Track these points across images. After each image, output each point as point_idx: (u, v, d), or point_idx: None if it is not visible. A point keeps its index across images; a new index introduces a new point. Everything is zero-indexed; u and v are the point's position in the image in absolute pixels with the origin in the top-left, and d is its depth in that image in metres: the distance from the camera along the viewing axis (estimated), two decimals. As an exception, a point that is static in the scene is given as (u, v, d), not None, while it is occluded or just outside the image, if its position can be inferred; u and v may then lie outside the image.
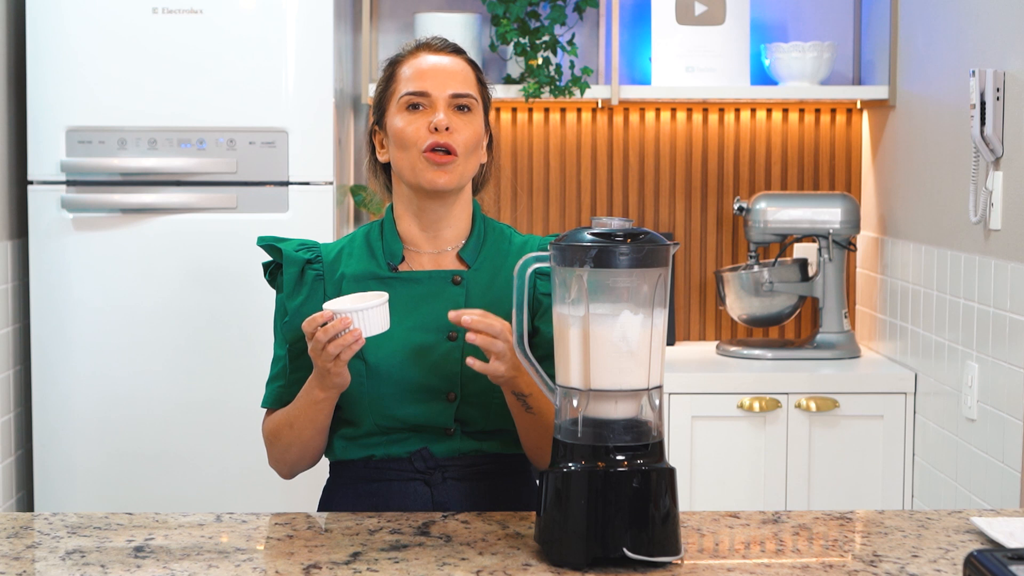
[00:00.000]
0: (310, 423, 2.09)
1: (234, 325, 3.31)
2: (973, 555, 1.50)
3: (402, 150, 2.11)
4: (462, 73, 2.14)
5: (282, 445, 2.14)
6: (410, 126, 2.10)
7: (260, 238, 2.19)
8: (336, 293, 2.12)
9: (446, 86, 2.11)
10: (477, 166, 2.17)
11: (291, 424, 2.11)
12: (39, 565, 1.77)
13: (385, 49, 3.99)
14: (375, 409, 2.09)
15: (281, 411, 2.15)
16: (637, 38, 4.00)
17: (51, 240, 3.32)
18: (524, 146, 4.03)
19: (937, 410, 3.36)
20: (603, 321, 1.76)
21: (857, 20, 4.04)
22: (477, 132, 2.13)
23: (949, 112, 3.29)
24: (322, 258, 2.16)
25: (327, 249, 2.19)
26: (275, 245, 2.18)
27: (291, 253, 2.16)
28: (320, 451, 2.16)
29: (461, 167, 2.11)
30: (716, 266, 4.09)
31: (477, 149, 2.15)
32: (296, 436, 2.11)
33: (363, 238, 2.19)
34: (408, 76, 2.13)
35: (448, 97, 2.11)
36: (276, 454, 2.17)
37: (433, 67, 2.13)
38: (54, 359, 3.33)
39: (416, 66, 2.14)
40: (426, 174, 2.09)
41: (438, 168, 2.09)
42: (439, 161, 2.08)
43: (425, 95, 2.11)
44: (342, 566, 1.74)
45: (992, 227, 3.00)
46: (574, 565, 1.73)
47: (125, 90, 3.31)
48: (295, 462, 2.16)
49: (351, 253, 2.17)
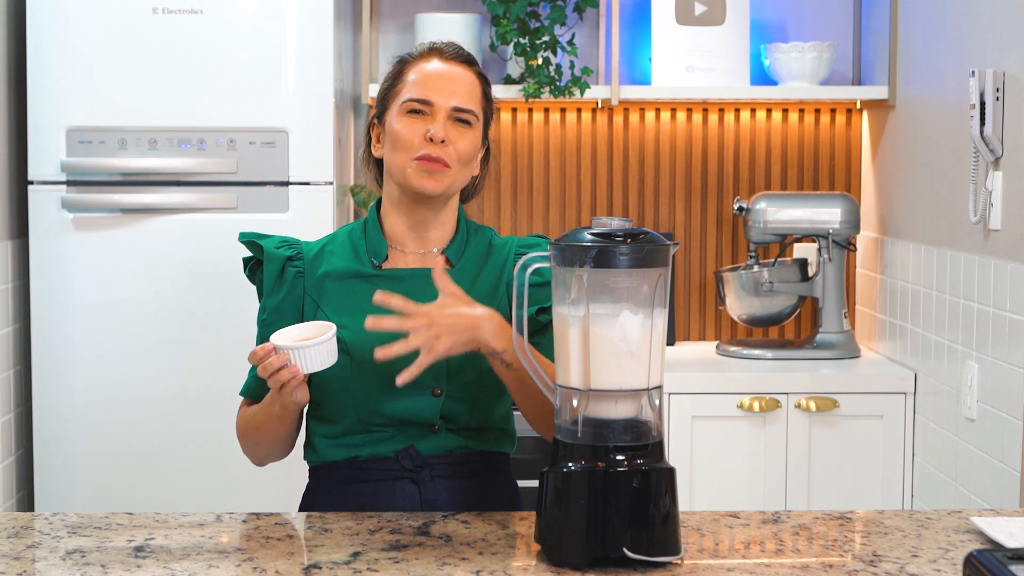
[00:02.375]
0: (274, 431, 2.12)
1: (234, 325, 3.31)
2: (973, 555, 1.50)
3: (395, 151, 2.11)
4: (468, 87, 2.14)
5: (250, 443, 2.18)
6: (407, 130, 2.10)
7: (241, 234, 2.19)
8: (317, 293, 2.13)
9: (450, 98, 2.11)
10: (468, 177, 2.17)
11: (257, 428, 2.14)
12: (39, 565, 1.77)
13: (385, 49, 3.99)
14: (359, 404, 2.09)
15: (248, 412, 2.17)
16: (637, 38, 4.00)
17: (51, 240, 3.32)
18: (524, 146, 4.03)
19: (937, 410, 3.36)
20: (603, 321, 1.76)
21: (857, 20, 4.04)
22: (472, 146, 2.13)
23: (949, 112, 3.29)
24: (303, 255, 2.17)
25: (308, 247, 2.18)
26: (256, 241, 2.18)
27: (272, 250, 2.16)
28: (290, 446, 2.18)
29: (452, 177, 2.11)
30: (716, 266, 4.09)
31: (471, 162, 2.15)
32: (262, 438, 2.15)
33: (345, 236, 2.19)
34: (414, 81, 2.13)
35: (450, 109, 2.11)
36: (246, 448, 2.21)
37: (440, 75, 2.13)
38: (54, 359, 3.33)
39: (424, 71, 2.13)
40: (416, 179, 2.09)
41: (428, 175, 2.09)
42: (430, 168, 2.09)
43: (427, 103, 2.11)
44: (342, 566, 1.74)
45: (992, 227, 3.00)
46: (574, 565, 1.73)
47: (125, 90, 3.31)
48: (263, 457, 2.21)
49: (333, 251, 2.17)
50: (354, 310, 2.09)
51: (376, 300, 1.97)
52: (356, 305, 2.10)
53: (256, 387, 2.17)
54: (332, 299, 2.13)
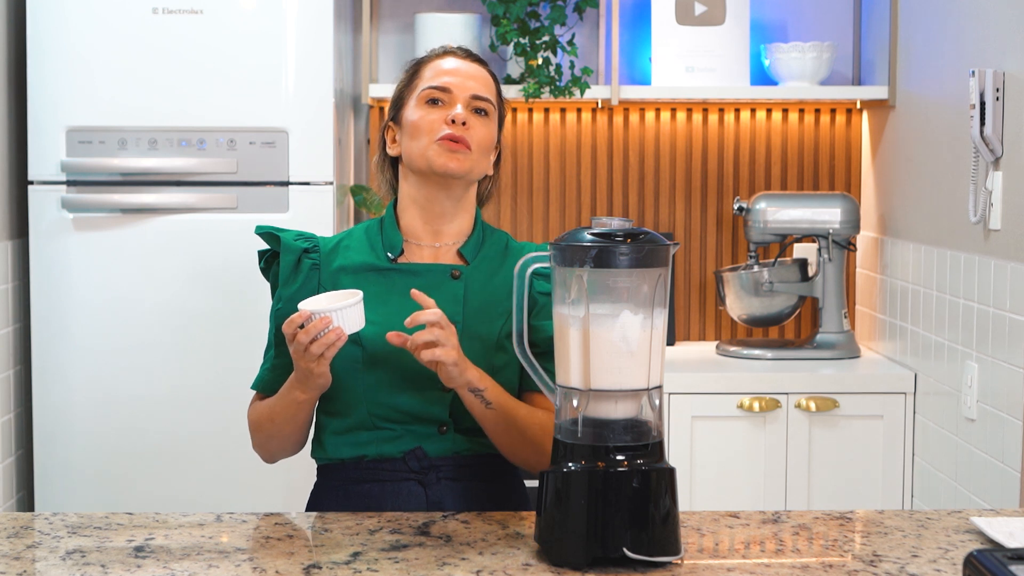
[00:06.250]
0: (290, 420, 2.12)
1: (234, 325, 3.31)
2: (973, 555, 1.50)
3: (415, 139, 2.14)
4: (484, 79, 2.19)
5: (263, 436, 2.18)
6: (427, 117, 2.14)
7: (258, 227, 2.22)
8: (332, 285, 2.15)
9: (467, 88, 2.16)
10: (486, 169, 2.19)
11: (272, 419, 2.14)
12: (39, 565, 1.77)
13: (385, 49, 3.99)
14: (369, 397, 2.10)
15: (264, 404, 2.17)
16: (637, 38, 4.00)
17: (51, 240, 3.32)
18: (524, 146, 4.03)
19: (937, 410, 3.36)
20: (603, 321, 1.76)
21: (857, 20, 4.04)
22: (491, 135, 2.17)
23: (949, 112, 3.29)
24: (319, 249, 2.19)
25: (325, 241, 2.21)
26: (273, 233, 2.20)
27: (289, 242, 2.19)
28: (301, 443, 2.19)
29: (473, 160, 2.14)
30: (716, 266, 4.09)
31: (488, 153, 2.18)
32: (277, 430, 2.15)
33: (362, 232, 2.22)
34: (430, 75, 2.18)
35: (468, 98, 2.15)
36: (258, 442, 2.21)
37: (457, 69, 2.18)
38: (54, 359, 3.33)
39: (440, 67, 2.18)
40: (439, 159, 2.12)
41: (452, 154, 2.12)
42: (453, 148, 2.12)
43: (447, 91, 2.15)
44: (342, 566, 1.74)
45: (992, 227, 3.00)
46: (574, 565, 1.73)
47: (125, 90, 3.31)
48: (275, 452, 2.21)
49: (349, 246, 2.19)
50: (368, 302, 2.10)
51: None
52: (371, 297, 2.12)
53: (270, 379, 2.18)
54: None
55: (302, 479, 2.34)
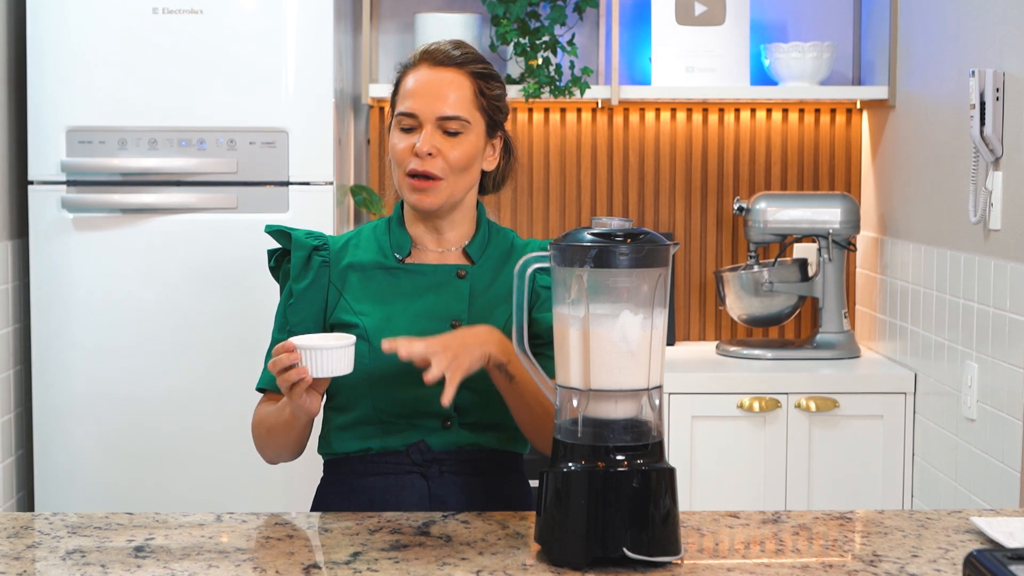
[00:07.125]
0: (285, 434, 2.14)
1: (234, 325, 3.31)
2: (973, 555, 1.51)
3: (393, 167, 2.18)
4: (456, 92, 2.13)
5: (262, 442, 2.20)
6: (399, 144, 2.15)
7: (268, 226, 2.24)
8: (341, 282, 2.17)
9: (434, 109, 2.12)
10: (471, 181, 2.19)
11: (269, 430, 2.16)
12: (39, 565, 1.77)
13: (385, 49, 3.99)
14: (375, 391, 2.11)
15: (263, 412, 2.19)
16: (637, 38, 4.00)
17: (51, 240, 3.32)
18: (524, 146, 4.03)
19: (937, 410, 3.36)
20: (603, 321, 1.76)
21: (857, 20, 4.04)
22: (467, 152, 2.14)
23: (949, 112, 3.29)
24: (329, 247, 2.21)
25: (334, 240, 2.24)
26: (284, 231, 2.22)
27: (300, 238, 2.21)
28: (300, 449, 2.19)
29: (447, 189, 2.14)
30: (716, 266, 4.09)
31: (470, 166, 2.16)
32: (273, 440, 2.17)
33: (371, 232, 2.24)
34: (404, 93, 2.16)
35: (435, 120, 2.13)
36: (257, 445, 2.23)
37: (427, 85, 2.13)
38: (54, 359, 3.33)
39: (408, 86, 2.15)
40: (411, 196, 2.15)
41: (421, 192, 2.13)
42: (420, 186, 2.13)
43: (413, 116, 2.13)
44: (342, 566, 1.74)
45: (992, 227, 3.00)
46: (574, 565, 1.73)
47: (125, 90, 3.31)
48: (274, 457, 2.22)
49: (358, 244, 2.22)
50: (376, 299, 2.14)
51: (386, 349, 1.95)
52: (378, 294, 2.15)
53: (269, 376, 2.20)
54: (355, 288, 2.17)
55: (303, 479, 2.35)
